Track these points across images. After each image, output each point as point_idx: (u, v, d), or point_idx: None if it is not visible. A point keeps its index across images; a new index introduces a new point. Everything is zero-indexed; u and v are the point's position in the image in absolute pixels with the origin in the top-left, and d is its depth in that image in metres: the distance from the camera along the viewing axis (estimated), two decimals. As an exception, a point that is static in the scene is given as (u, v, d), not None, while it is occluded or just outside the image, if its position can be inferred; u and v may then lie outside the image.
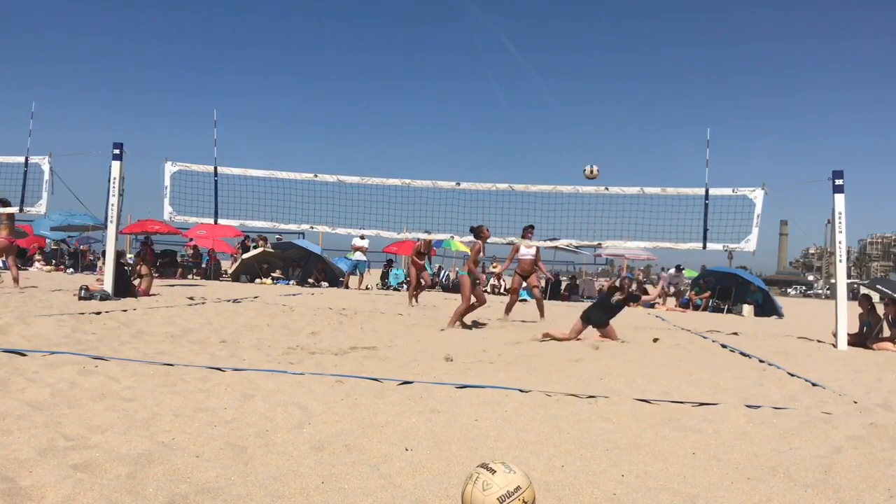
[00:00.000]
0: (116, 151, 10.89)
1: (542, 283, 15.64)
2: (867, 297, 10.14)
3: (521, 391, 4.53)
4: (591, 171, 10.70)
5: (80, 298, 9.96)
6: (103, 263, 10.80)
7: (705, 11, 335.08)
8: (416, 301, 14.39)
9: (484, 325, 9.94)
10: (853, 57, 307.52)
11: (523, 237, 11.21)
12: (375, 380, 4.63)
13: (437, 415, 3.79)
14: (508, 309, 11.67)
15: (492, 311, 11.98)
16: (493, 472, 2.27)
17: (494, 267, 24.24)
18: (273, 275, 20.40)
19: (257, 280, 20.15)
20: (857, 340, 9.48)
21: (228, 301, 11.68)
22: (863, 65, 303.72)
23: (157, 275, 20.02)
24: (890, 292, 9.52)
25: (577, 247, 19.74)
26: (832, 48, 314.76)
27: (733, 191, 10.58)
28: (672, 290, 22.26)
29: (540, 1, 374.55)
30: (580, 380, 5.31)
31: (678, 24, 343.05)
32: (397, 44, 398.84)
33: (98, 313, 8.07)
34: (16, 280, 11.95)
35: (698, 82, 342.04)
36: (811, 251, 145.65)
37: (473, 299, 9.43)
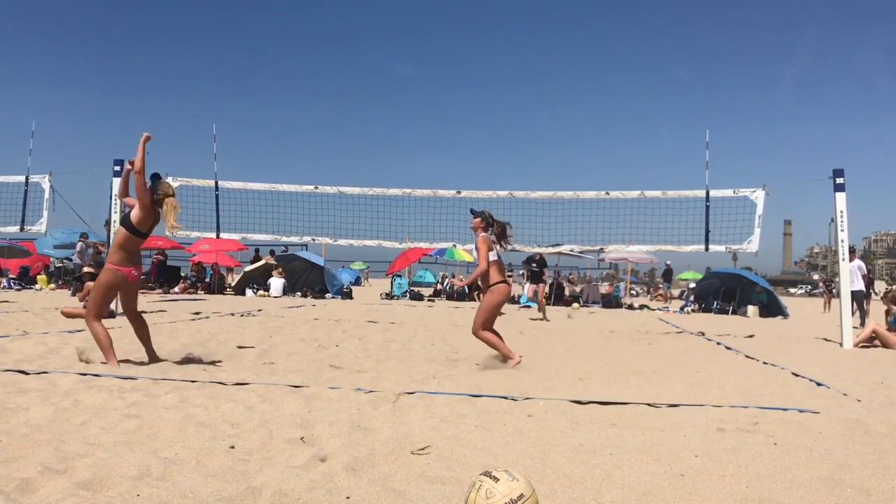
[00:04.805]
0: (117, 168, 10.92)
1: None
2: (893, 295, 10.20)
3: (528, 399, 4.52)
4: None
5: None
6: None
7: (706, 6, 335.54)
8: None
9: None
10: (860, 52, 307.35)
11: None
12: (373, 391, 4.60)
13: (443, 423, 3.78)
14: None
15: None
16: (496, 479, 2.26)
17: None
18: (270, 280, 20.26)
19: (260, 292, 20.17)
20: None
21: (232, 315, 11.69)
22: (872, 59, 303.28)
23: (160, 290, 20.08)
24: None
25: (580, 252, 19.74)
26: (836, 43, 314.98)
27: (734, 192, 10.59)
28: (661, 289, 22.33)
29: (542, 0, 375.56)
30: (585, 383, 5.30)
31: (676, 20, 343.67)
32: (399, 49, 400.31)
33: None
34: None
35: (698, 80, 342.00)
36: (815, 250, 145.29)
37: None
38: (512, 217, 11.32)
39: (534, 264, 17.06)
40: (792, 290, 67.90)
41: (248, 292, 20.46)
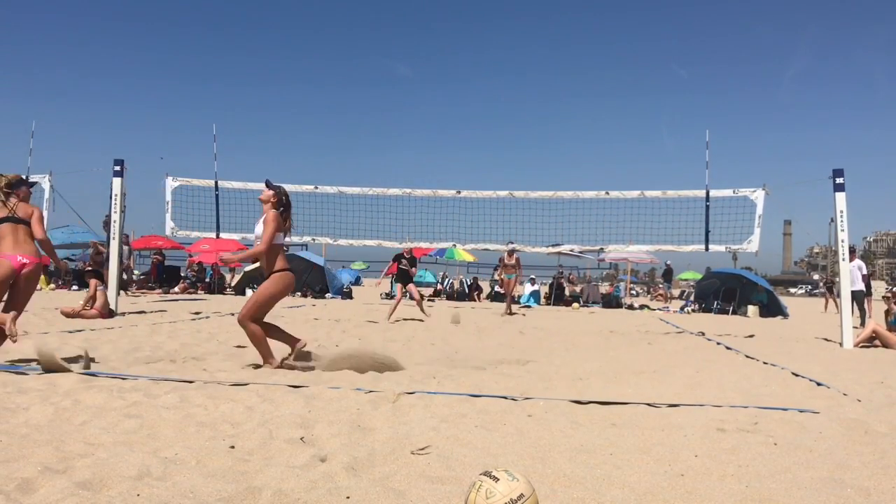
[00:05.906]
0: (117, 168, 10.93)
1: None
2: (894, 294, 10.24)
3: (528, 399, 4.52)
4: None
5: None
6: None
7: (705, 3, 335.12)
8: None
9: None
10: (860, 52, 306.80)
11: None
12: (373, 391, 4.60)
13: (443, 423, 3.77)
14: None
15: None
16: (496, 479, 2.26)
17: None
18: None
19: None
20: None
21: (232, 315, 11.67)
22: (872, 59, 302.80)
23: (159, 290, 20.08)
24: None
25: (580, 252, 19.75)
26: (836, 43, 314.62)
27: (734, 192, 10.61)
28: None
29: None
30: (585, 383, 5.29)
31: (676, 20, 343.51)
32: (400, 49, 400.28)
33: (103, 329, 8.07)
34: None
35: (698, 80, 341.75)
36: (815, 250, 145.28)
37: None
38: (512, 217, 11.43)
39: (404, 261, 14.47)
40: (792, 290, 67.95)
41: (248, 292, 20.47)
